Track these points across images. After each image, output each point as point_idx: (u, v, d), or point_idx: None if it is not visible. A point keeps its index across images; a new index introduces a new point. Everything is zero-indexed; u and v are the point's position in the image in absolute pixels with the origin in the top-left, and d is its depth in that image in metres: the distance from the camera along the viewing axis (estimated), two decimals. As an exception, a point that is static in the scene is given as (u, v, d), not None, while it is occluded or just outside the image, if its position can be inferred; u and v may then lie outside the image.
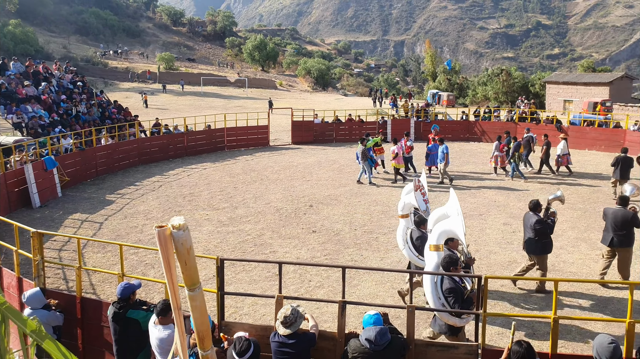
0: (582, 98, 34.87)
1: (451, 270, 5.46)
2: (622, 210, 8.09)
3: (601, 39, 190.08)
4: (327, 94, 65.40)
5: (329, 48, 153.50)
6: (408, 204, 7.74)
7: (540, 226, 7.77)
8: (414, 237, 7.33)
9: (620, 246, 8.03)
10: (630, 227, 8.00)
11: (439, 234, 5.89)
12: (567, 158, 16.87)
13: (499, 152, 16.69)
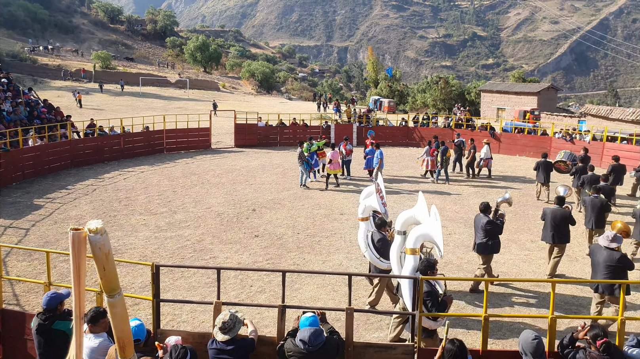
0: (514, 107, 36.85)
1: (428, 274, 5.57)
2: (560, 209, 8.75)
3: (530, 51, 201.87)
4: (271, 97, 65.21)
5: (274, 51, 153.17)
6: (369, 207, 7.85)
7: (491, 227, 8.21)
8: (375, 239, 7.41)
9: (559, 243, 8.71)
10: (566, 224, 8.68)
11: (416, 238, 5.98)
12: (489, 161, 17.91)
13: (429, 156, 17.40)
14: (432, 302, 5.31)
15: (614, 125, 26.41)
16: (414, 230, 6.10)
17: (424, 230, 6.03)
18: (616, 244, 6.71)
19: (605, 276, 6.69)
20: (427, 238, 6.06)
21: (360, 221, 7.89)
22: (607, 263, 6.68)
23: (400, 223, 6.62)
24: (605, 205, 9.95)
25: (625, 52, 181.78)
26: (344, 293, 8.01)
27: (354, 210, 13.49)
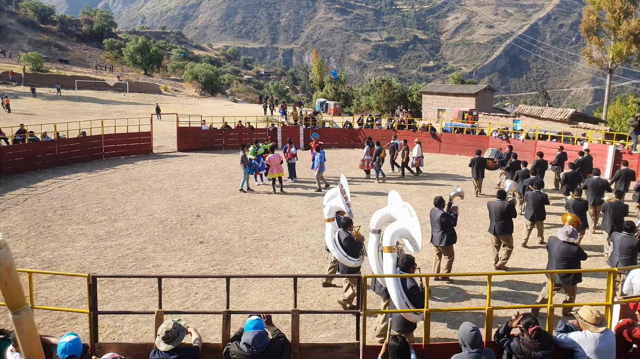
0: (453, 108, 38.19)
1: (410, 270, 5.73)
2: (501, 202, 9.36)
3: (468, 54, 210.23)
4: (216, 100, 64.16)
5: (217, 53, 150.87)
6: (334, 207, 8.06)
7: (445, 220, 8.67)
8: (342, 239, 7.52)
9: (502, 234, 9.32)
10: (508, 217, 9.27)
11: (392, 235, 6.03)
12: (420, 160, 18.79)
13: (368, 156, 17.91)
14: (417, 297, 5.49)
15: (545, 124, 27.94)
16: (389, 228, 6.15)
17: (400, 226, 6.10)
18: (574, 239, 7.14)
19: (560, 267, 7.11)
20: (403, 234, 6.13)
21: (327, 222, 8.05)
22: (564, 256, 7.11)
23: (375, 222, 6.71)
24: (545, 199, 10.74)
25: (554, 55, 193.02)
26: (291, 296, 8.00)
27: (301, 212, 13.54)
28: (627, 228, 7.86)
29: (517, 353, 4.44)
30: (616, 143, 18.77)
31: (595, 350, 4.47)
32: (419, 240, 5.89)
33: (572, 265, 7.10)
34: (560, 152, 16.15)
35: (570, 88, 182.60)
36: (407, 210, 6.20)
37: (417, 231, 5.90)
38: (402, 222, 6.18)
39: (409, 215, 6.12)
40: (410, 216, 6.07)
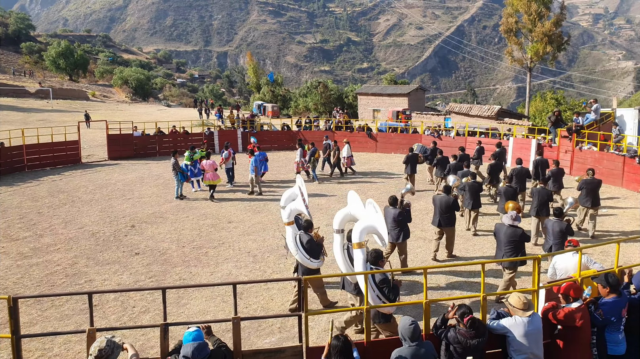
0: (387, 108, 39.16)
1: (379, 264, 6.10)
2: (446, 197, 9.95)
3: (400, 55, 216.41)
4: (148, 105, 62.00)
5: (148, 57, 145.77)
6: (295, 210, 8.07)
7: (402, 218, 9.02)
8: (304, 241, 7.59)
9: (445, 226, 9.88)
10: (452, 211, 9.87)
11: (360, 231, 6.25)
12: (351, 159, 19.21)
13: (301, 158, 18.02)
14: (388, 288, 5.75)
15: (473, 120, 29.31)
16: (357, 225, 6.37)
17: (368, 222, 6.35)
18: (518, 222, 7.84)
19: (508, 250, 7.82)
20: (370, 230, 6.35)
21: (287, 225, 8.00)
22: (510, 239, 7.79)
23: (338, 222, 6.90)
24: (480, 188, 11.76)
25: (479, 55, 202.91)
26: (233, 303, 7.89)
27: (242, 217, 13.37)
28: (556, 213, 8.50)
29: (454, 342, 4.62)
30: (538, 137, 20.01)
31: (524, 334, 4.74)
32: (386, 235, 6.21)
33: (518, 246, 7.83)
34: (479, 146, 17.15)
35: (496, 86, 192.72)
36: (372, 207, 6.47)
37: (383, 226, 6.20)
38: (369, 219, 6.43)
39: (374, 211, 6.40)
40: (376, 212, 6.36)
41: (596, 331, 5.18)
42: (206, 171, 15.34)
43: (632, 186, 15.72)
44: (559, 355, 5.10)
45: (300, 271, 7.74)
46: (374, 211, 6.41)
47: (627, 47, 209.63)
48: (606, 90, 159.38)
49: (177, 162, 15.45)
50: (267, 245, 11.02)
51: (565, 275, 6.41)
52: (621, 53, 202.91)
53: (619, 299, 5.22)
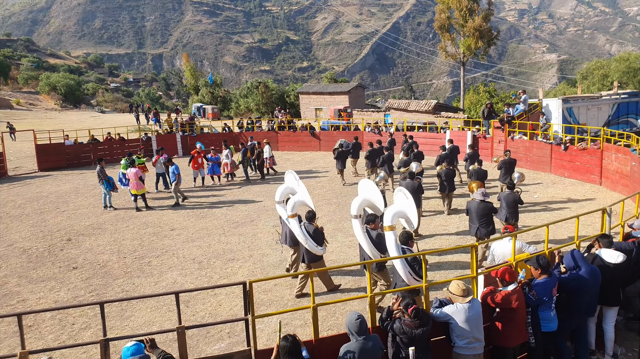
0: (329, 106, 39.48)
1: (409, 244, 6.80)
2: (412, 182, 10.93)
3: (339, 53, 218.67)
4: (80, 112, 59.19)
5: (77, 61, 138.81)
6: (298, 202, 8.58)
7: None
8: (310, 231, 8.14)
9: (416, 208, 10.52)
10: (417, 194, 10.73)
11: (392, 216, 6.87)
12: (272, 159, 19.39)
13: (229, 159, 17.99)
14: (418, 265, 6.27)
15: (412, 116, 30.10)
16: (389, 210, 7.02)
17: (399, 208, 7.10)
18: (487, 197, 9.13)
19: (482, 223, 9.01)
20: (401, 214, 7.08)
21: (290, 218, 8.36)
22: (484, 212, 8.99)
23: (355, 208, 7.61)
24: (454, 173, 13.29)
25: (415, 51, 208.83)
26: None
27: (185, 223, 13.06)
28: (510, 186, 10.03)
29: (400, 333, 4.74)
30: (473, 129, 20.87)
31: (465, 319, 4.94)
32: (415, 219, 7.09)
33: (489, 218, 9.08)
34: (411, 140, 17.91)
35: (432, 81, 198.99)
36: (402, 194, 7.31)
37: (413, 211, 7.05)
38: (399, 205, 7.20)
39: (404, 197, 7.21)
40: (406, 198, 7.16)
41: (530, 311, 5.49)
42: (130, 180, 14.59)
43: (560, 171, 16.75)
44: (498, 336, 5.36)
45: (306, 259, 8.15)
46: (404, 198, 7.23)
47: (550, 41, 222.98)
48: (533, 82, 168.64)
49: (103, 170, 14.75)
50: (213, 251, 10.84)
51: (503, 260, 6.74)
52: (545, 46, 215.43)
53: (550, 279, 5.57)
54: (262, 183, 17.73)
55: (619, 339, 6.44)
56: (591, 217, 10.74)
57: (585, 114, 19.53)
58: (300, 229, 8.11)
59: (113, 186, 15.06)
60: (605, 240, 6.25)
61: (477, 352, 5.04)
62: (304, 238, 8.04)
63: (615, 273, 5.97)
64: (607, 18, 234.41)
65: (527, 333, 5.47)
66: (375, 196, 7.82)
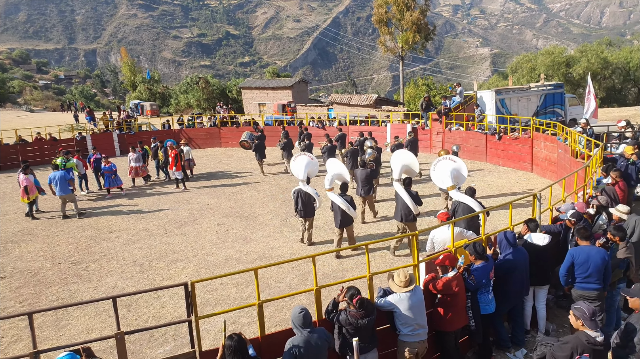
0: (273, 101, 39.22)
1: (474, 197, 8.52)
2: (365, 170, 11.56)
3: (281, 48, 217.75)
4: (5, 111, 55.52)
5: (1, 57, 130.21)
6: (336, 175, 10.16)
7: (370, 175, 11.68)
8: (348, 199, 9.58)
9: (366, 195, 11.56)
10: (370, 180, 11.64)
11: (451, 176, 8.96)
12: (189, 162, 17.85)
13: (137, 162, 16.86)
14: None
15: (354, 109, 30.49)
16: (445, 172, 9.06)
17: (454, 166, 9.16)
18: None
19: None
20: (456, 173, 9.09)
21: (328, 191, 9.80)
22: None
23: (397, 173, 9.74)
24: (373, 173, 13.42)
25: (356, 46, 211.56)
26: (121, 316, 7.41)
27: (124, 225, 12.59)
28: (362, 164, 11.69)
29: (346, 324, 4.79)
30: (412, 122, 21.41)
31: (409, 307, 5.07)
32: (465, 173, 9.37)
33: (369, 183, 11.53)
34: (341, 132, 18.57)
35: (373, 76, 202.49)
36: (448, 159, 9.35)
37: (464, 169, 9.33)
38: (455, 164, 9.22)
39: (452, 161, 9.28)
40: (454, 162, 9.28)
41: (470, 295, 5.72)
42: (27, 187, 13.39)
43: (494, 160, 17.53)
44: (441, 321, 5.54)
45: (342, 223, 9.57)
46: (452, 162, 9.26)
47: (483, 35, 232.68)
48: (469, 74, 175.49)
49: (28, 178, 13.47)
50: (155, 252, 10.50)
51: (443, 247, 6.97)
52: (478, 40, 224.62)
53: (487, 264, 5.82)
54: (200, 181, 17.34)
55: (550, 317, 6.85)
56: (523, 202, 11.34)
57: (516, 105, 20.52)
58: (342, 199, 9.49)
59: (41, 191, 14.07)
60: (532, 223, 6.64)
61: (421, 338, 5.19)
62: (346, 206, 9.41)
63: (544, 254, 6.34)
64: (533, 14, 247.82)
65: (467, 317, 5.70)
66: (412, 162, 10.24)
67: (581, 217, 6.87)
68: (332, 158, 11.49)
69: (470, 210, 8.34)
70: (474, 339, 5.96)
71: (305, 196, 10.07)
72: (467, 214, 8.10)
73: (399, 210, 9.43)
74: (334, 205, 9.70)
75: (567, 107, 21.79)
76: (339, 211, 9.55)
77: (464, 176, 9.34)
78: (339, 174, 10.27)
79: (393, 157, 10.24)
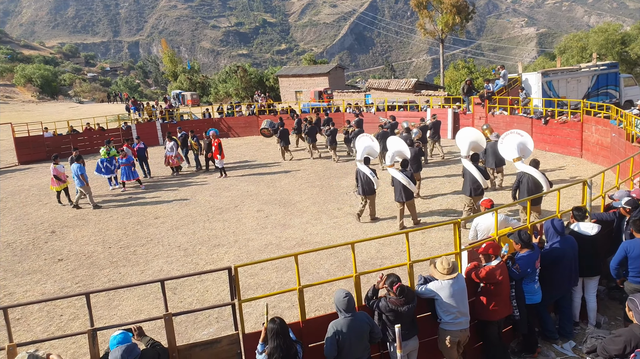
0: (309, 88, 39.22)
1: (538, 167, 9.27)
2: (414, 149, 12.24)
3: (317, 34, 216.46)
4: (58, 103, 58.02)
5: (52, 52, 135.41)
6: (397, 152, 11.07)
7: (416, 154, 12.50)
8: (408, 175, 10.17)
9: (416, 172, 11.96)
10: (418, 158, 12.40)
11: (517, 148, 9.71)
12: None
13: (171, 151, 17.12)
14: None
15: (392, 95, 30.11)
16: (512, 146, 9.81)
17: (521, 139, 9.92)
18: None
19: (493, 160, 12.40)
20: (522, 147, 9.85)
21: (389, 167, 10.66)
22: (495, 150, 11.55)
23: (465, 150, 10.51)
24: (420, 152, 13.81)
25: (394, 29, 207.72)
26: (167, 299, 7.70)
27: (169, 211, 12.99)
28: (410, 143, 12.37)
29: (386, 311, 4.80)
30: (453, 106, 20.96)
31: (451, 295, 5.01)
32: (531, 147, 10.10)
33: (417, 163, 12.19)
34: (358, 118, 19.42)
35: (412, 59, 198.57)
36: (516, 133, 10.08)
37: (531, 143, 10.07)
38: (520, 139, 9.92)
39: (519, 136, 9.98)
40: (522, 136, 9.95)
41: (514, 284, 5.59)
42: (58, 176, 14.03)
43: (540, 145, 16.93)
44: (483, 310, 5.45)
45: (404, 197, 10.14)
46: (519, 136, 9.97)
47: (529, 14, 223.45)
48: (513, 56, 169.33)
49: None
50: (198, 237, 10.81)
51: (487, 234, 6.83)
52: (524, 20, 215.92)
53: (532, 252, 5.66)
54: (237, 171, 17.62)
55: (602, 309, 6.61)
56: (573, 189, 10.95)
57: (565, 87, 19.72)
58: (402, 174, 10.05)
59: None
60: (579, 212, 6.32)
61: (463, 327, 5.12)
62: (407, 181, 10.01)
63: (594, 243, 6.10)
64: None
65: (511, 306, 5.57)
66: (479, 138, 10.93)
67: (637, 205, 6.42)
68: (393, 136, 12.58)
69: (535, 180, 9.08)
70: (518, 329, 5.84)
71: (364, 177, 10.64)
72: (532, 184, 9.11)
73: (467, 185, 9.94)
74: (394, 180, 10.29)
75: (622, 87, 20.77)
76: (399, 186, 10.12)
77: (529, 149, 10.03)
78: (400, 151, 11.06)
79: (459, 136, 10.99)
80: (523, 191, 9.20)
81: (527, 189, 9.15)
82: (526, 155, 9.92)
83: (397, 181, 10.17)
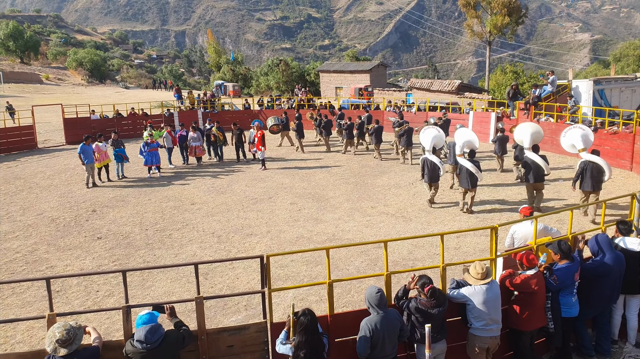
0: (350, 85, 39.13)
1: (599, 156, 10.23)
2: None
3: (361, 31, 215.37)
4: (105, 87, 59.99)
5: (103, 38, 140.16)
6: (466, 142, 11.49)
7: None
8: (476, 164, 10.91)
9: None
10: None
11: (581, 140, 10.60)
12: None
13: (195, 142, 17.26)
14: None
15: (434, 95, 29.67)
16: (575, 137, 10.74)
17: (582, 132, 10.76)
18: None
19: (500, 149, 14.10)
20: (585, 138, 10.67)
21: (459, 156, 11.35)
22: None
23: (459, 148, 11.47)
24: None
25: (440, 30, 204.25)
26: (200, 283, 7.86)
27: (205, 198, 13.23)
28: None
29: (416, 312, 4.74)
30: (497, 110, 20.45)
31: (483, 301, 4.90)
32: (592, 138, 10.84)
33: None
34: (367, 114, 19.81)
35: (457, 61, 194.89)
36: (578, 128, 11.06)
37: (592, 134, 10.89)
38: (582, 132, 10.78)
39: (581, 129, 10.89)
40: (583, 129, 10.88)
41: (550, 296, 5.41)
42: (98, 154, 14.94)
43: (586, 155, 16.29)
44: (516, 319, 5.30)
45: (471, 184, 10.92)
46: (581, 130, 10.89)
47: (584, 20, 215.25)
48: (563, 62, 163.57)
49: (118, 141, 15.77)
50: (232, 225, 10.97)
51: (524, 243, 6.64)
52: (578, 25, 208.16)
53: (572, 264, 5.46)
54: (276, 162, 17.74)
55: (642, 327, 6.32)
56: (620, 202, 10.52)
57: (618, 96, 18.90)
58: (471, 163, 10.80)
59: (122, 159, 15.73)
60: (624, 226, 6.04)
61: (494, 334, 5.00)
62: (475, 169, 10.76)
63: (639, 260, 5.83)
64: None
65: (545, 318, 5.39)
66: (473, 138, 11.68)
67: (685, 223, 6.20)
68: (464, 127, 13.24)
69: (599, 168, 10.08)
70: (552, 342, 5.65)
71: (431, 164, 11.50)
72: (595, 171, 10.15)
73: (464, 178, 11.01)
74: (461, 169, 11.07)
75: (680, 100, 19.76)
76: (466, 174, 10.94)
77: (591, 140, 10.81)
78: (469, 141, 11.63)
79: (456, 136, 11.96)
80: (587, 178, 10.24)
81: (590, 176, 10.26)
82: (588, 146, 10.67)
83: (465, 170, 10.96)
